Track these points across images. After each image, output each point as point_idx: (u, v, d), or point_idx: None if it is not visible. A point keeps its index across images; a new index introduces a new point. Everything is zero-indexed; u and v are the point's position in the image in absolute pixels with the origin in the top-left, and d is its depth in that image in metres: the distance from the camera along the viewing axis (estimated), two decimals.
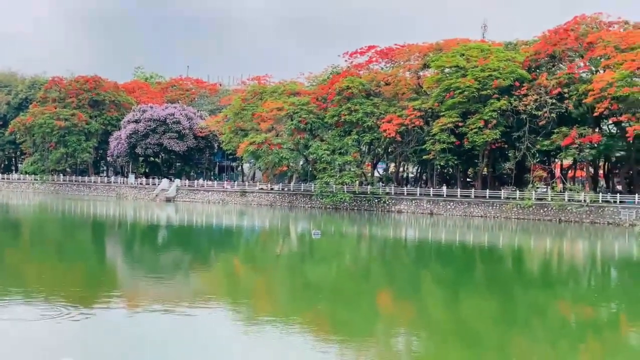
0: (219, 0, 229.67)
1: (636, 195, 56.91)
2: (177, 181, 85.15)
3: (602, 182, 70.31)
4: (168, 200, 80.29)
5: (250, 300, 22.14)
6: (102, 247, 38.06)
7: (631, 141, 55.30)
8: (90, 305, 18.91)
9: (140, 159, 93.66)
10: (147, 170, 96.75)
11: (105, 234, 46.04)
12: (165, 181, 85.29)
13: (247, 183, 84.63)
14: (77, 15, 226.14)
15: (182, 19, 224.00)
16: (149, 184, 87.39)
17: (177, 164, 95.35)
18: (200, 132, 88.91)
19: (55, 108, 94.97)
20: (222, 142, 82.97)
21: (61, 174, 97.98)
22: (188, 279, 26.45)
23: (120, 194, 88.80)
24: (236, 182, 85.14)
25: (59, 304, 18.49)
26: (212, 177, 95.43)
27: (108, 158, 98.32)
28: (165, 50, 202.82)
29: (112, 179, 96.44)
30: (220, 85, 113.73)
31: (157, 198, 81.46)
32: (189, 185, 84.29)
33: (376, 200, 67.99)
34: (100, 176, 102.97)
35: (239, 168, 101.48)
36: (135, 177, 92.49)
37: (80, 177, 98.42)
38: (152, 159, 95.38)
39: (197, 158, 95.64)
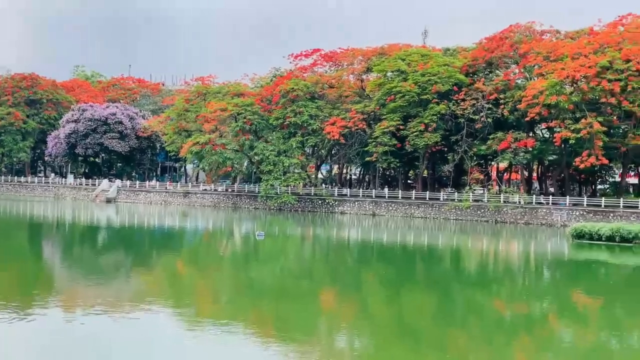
0: (161, 1, 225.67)
1: (567, 197, 59.17)
2: (118, 182, 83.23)
3: (536, 185, 72.68)
4: (108, 201, 78.37)
5: (193, 301, 21.84)
6: (39, 249, 36.72)
7: (561, 146, 57.41)
8: (27, 309, 18.26)
9: (80, 159, 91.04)
10: (86, 171, 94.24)
11: (43, 235, 44.55)
12: (105, 182, 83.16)
13: (190, 184, 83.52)
14: (17, 13, 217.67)
15: (124, 18, 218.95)
16: (88, 184, 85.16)
17: (119, 164, 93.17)
18: (143, 132, 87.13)
19: None
20: (165, 142, 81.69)
21: None
22: (129, 281, 25.85)
23: (58, 194, 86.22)
24: (179, 183, 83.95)
25: None
26: (154, 178, 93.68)
27: (46, 158, 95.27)
28: (107, 51, 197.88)
29: (50, 179, 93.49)
30: (163, 85, 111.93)
31: (97, 199, 79.43)
32: (130, 186, 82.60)
33: (320, 202, 68.28)
34: (38, 176, 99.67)
35: (182, 169, 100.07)
36: (75, 178, 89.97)
37: (16, 177, 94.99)
38: (92, 159, 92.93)
39: (139, 158, 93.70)
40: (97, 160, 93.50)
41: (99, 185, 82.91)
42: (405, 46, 70.61)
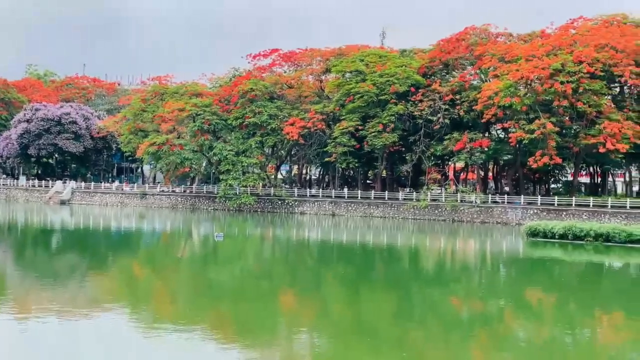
0: (115, 0, 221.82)
1: (522, 196, 60.37)
2: (73, 183, 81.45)
3: (492, 184, 73.82)
4: (62, 202, 76.58)
5: (150, 304, 21.52)
6: None
7: (516, 146, 58.55)
8: None
9: (33, 160, 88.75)
10: (39, 172, 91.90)
11: None
12: (59, 183, 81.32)
13: (147, 185, 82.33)
14: None
15: (79, 18, 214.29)
16: (41, 186, 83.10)
17: (73, 165, 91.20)
18: (98, 132, 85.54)
19: None
20: (121, 143, 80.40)
21: None
22: (84, 283, 25.27)
23: (9, 196, 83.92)
24: (136, 184, 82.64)
25: None
26: (110, 179, 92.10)
27: None
28: (61, 50, 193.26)
29: (1, 180, 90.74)
30: (119, 84, 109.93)
31: (50, 201, 77.52)
32: (85, 188, 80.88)
33: (280, 202, 68.11)
34: None
35: (139, 170, 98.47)
36: (27, 179, 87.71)
37: None
38: (45, 160, 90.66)
39: (94, 159, 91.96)
40: (50, 161, 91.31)
41: (52, 186, 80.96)
42: (363, 47, 71.01)
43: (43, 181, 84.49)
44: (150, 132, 72.81)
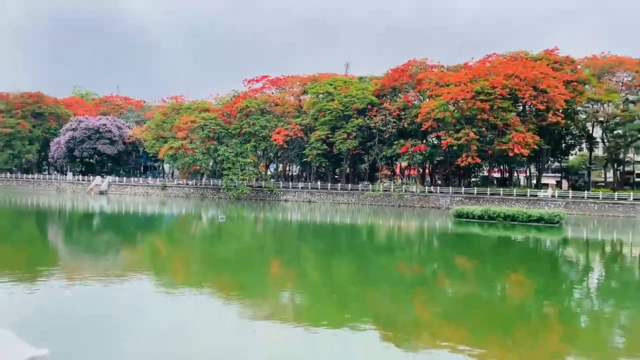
0: (138, 29, 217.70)
1: (450, 188, 61.06)
2: (109, 178, 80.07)
3: (428, 178, 74.52)
4: (101, 193, 75.26)
5: (170, 270, 21.34)
6: (45, 231, 34.90)
7: (446, 150, 59.18)
8: (34, 280, 17.34)
9: (77, 160, 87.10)
10: (83, 169, 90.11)
11: (47, 220, 42.31)
12: (98, 178, 79.92)
13: (167, 179, 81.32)
14: (17, 33, 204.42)
15: (107, 44, 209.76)
16: (84, 180, 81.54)
17: (109, 164, 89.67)
18: (128, 139, 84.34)
19: (2, 118, 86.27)
20: (147, 147, 79.33)
21: (8, 172, 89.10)
22: (118, 255, 24.95)
23: (59, 188, 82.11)
24: (158, 179, 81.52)
25: (5, 280, 16.84)
26: (138, 175, 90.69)
27: (50, 159, 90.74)
28: (99, 72, 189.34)
29: (53, 176, 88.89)
30: (144, 102, 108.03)
31: (91, 191, 76.13)
32: (118, 181, 79.53)
33: (269, 192, 67.86)
34: (43, 174, 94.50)
35: (161, 167, 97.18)
36: (73, 175, 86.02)
37: (25, 174, 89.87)
38: (87, 160, 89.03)
39: (125, 159, 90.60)
40: (91, 161, 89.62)
41: (93, 180, 79.55)
42: (332, 75, 71.01)
43: (85, 176, 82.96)
44: (169, 138, 71.95)
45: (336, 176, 76.69)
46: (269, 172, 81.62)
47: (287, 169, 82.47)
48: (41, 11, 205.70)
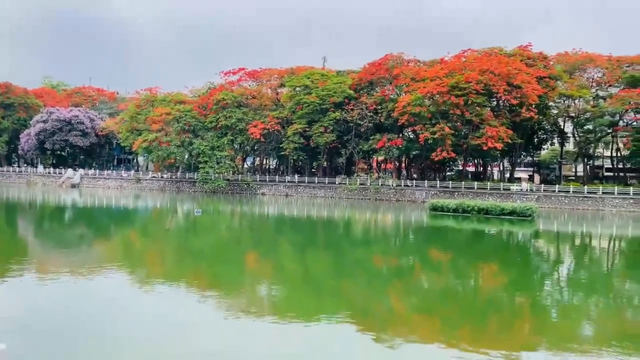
0: (114, 20, 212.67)
1: (426, 181, 61.73)
2: (81, 170, 78.37)
3: (404, 172, 75.15)
4: (73, 186, 73.59)
5: (145, 264, 21.00)
6: (15, 225, 33.90)
7: (422, 144, 59.71)
8: (2, 275, 16.84)
9: (48, 152, 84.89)
10: (54, 162, 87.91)
11: (17, 213, 41.12)
12: (70, 170, 78.13)
13: (141, 172, 79.97)
14: None
15: (81, 34, 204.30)
16: (56, 173, 79.56)
17: (81, 156, 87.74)
18: (101, 131, 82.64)
19: None
20: (120, 139, 77.99)
21: None
22: (91, 249, 24.40)
23: (30, 181, 79.97)
24: (132, 172, 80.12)
25: None
26: (111, 168, 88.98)
27: (19, 151, 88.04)
28: (70, 63, 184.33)
29: (23, 168, 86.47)
30: (118, 94, 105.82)
31: (63, 184, 74.38)
32: (91, 174, 77.87)
33: (245, 186, 67.45)
34: (12, 166, 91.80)
35: (135, 160, 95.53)
36: (44, 167, 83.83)
37: None
38: (59, 152, 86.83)
39: (98, 152, 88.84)
40: (63, 153, 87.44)
41: (65, 173, 77.70)
42: (309, 68, 70.74)
43: (57, 169, 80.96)
44: (143, 131, 70.80)
45: (313, 170, 76.66)
46: (245, 166, 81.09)
47: (264, 162, 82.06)
48: (10, 1, 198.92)
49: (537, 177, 73.71)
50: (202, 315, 13.46)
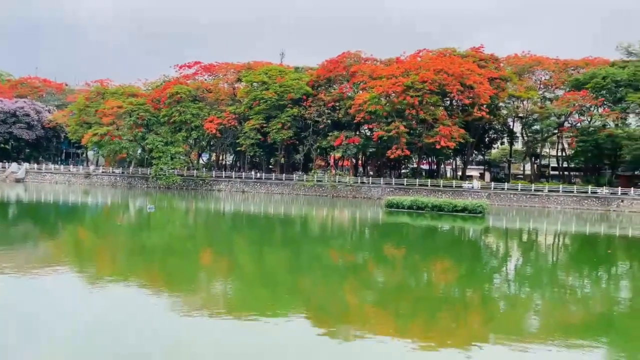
0: (59, 9, 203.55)
1: (382, 179, 62.62)
2: (26, 165, 74.67)
3: (361, 169, 75.94)
4: (17, 181, 70.07)
5: (94, 262, 20.16)
6: None
7: (378, 141, 60.53)
8: None
9: None
10: None
11: None
12: (14, 164, 74.30)
13: (91, 167, 77.02)
14: None
15: (25, 23, 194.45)
16: None
17: (27, 150, 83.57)
18: (48, 124, 79.10)
19: None
20: (69, 132, 74.91)
21: None
22: (37, 247, 23.20)
23: None
24: (81, 167, 77.11)
25: None
26: (59, 162, 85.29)
27: None
28: (14, 52, 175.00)
29: None
30: (66, 85, 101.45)
31: (7, 179, 70.66)
32: (37, 168, 74.39)
33: (201, 182, 66.31)
34: None
35: (84, 155, 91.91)
36: None
37: None
38: (2, 145, 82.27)
39: (45, 145, 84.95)
40: (7, 146, 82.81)
41: (9, 167, 73.75)
42: (266, 63, 70.27)
43: (0, 163, 76.71)
44: (94, 124, 68.39)
45: (270, 166, 76.26)
46: (201, 161, 79.62)
47: (221, 158, 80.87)
48: None
49: (487, 175, 76.23)
50: (153, 313, 13.07)
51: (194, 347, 10.92)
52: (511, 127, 70.91)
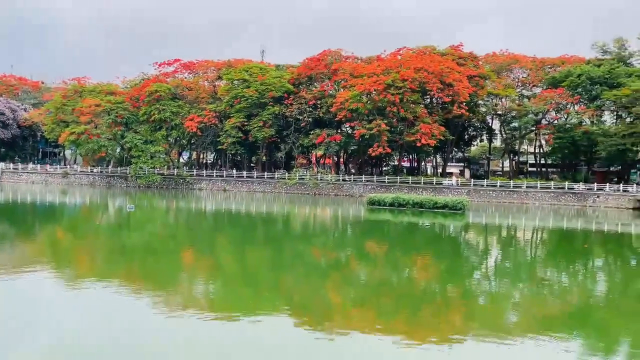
0: (40, 9, 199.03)
1: (363, 176, 62.83)
2: (2, 164, 72.90)
3: (343, 167, 76.08)
4: None
5: (73, 263, 19.80)
6: None
7: (359, 139, 60.69)
8: None
9: None
10: None
11: None
12: None
13: (69, 166, 75.63)
14: None
15: (5, 22, 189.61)
16: None
17: (2, 149, 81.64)
18: (24, 122, 77.37)
19: None
20: (45, 131, 73.34)
21: None
22: (13, 248, 22.72)
23: None
24: (58, 166, 75.64)
25: None
26: (35, 162, 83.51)
27: None
28: None
29: None
30: (43, 83, 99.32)
31: None
32: (13, 168, 72.69)
33: (182, 181, 65.65)
34: None
35: (62, 154, 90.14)
36: None
37: None
38: None
39: (21, 145, 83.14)
40: None
41: None
42: (247, 61, 69.81)
43: None
44: (71, 122, 67.07)
45: (252, 164, 75.88)
46: (182, 160, 78.77)
47: (201, 156, 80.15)
48: None
49: (467, 172, 77.12)
50: (134, 315, 12.88)
51: (174, 347, 10.80)
52: (490, 124, 71.82)
